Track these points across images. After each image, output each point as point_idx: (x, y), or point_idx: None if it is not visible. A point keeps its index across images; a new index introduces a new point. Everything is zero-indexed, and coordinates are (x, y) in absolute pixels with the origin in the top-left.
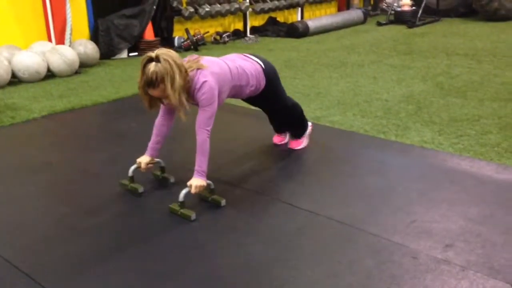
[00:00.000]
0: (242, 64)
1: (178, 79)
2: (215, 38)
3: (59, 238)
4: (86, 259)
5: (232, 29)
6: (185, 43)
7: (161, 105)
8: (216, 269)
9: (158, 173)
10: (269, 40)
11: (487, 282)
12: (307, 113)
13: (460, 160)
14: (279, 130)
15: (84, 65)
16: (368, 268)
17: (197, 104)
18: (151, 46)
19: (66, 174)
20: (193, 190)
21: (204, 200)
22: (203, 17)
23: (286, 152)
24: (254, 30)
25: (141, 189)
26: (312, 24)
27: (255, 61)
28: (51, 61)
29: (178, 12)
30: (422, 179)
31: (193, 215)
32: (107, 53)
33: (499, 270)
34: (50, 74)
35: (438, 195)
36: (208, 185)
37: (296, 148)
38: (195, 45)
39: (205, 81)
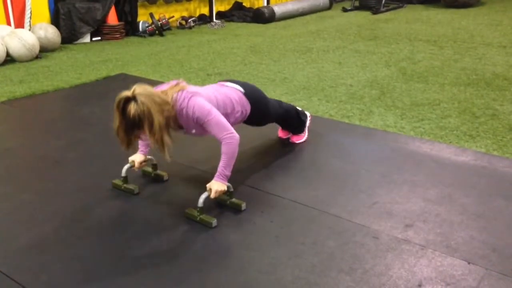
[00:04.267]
0: (223, 91)
1: (157, 120)
2: (180, 23)
3: (20, 223)
4: (47, 244)
5: (197, 14)
6: (149, 27)
7: None
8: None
9: (150, 170)
10: (235, 25)
11: (444, 259)
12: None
13: (421, 143)
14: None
15: (44, 50)
16: (330, 249)
17: (188, 129)
18: (115, 30)
19: (25, 160)
20: (213, 195)
21: (221, 204)
22: (168, 2)
23: (250, 136)
24: (220, 15)
25: (136, 189)
26: (278, 9)
27: (233, 87)
28: (10, 45)
29: None
30: (385, 162)
31: (214, 222)
32: (69, 37)
33: (456, 248)
34: (9, 59)
35: (400, 177)
36: (228, 188)
37: (297, 141)
38: (160, 30)
39: (191, 97)
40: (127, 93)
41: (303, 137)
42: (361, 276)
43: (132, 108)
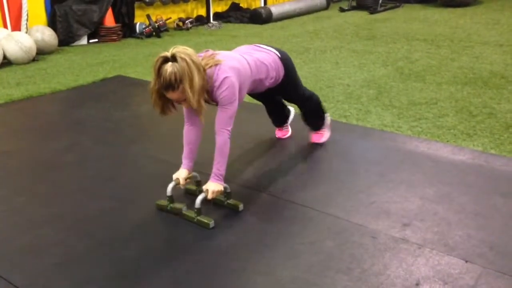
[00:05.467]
0: (259, 56)
1: (197, 80)
2: (177, 25)
3: (18, 226)
4: (46, 247)
5: (195, 15)
6: (146, 29)
7: (184, 110)
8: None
9: (194, 187)
10: (232, 26)
11: (442, 258)
12: None
13: (418, 142)
14: (280, 123)
15: (41, 52)
16: (328, 249)
17: (216, 104)
18: (112, 32)
19: (23, 163)
20: (209, 196)
21: (219, 205)
22: (165, 3)
23: (245, 137)
24: (217, 16)
25: (184, 208)
26: (275, 10)
27: (270, 50)
28: (7, 48)
29: None
30: (382, 162)
31: (211, 223)
32: (66, 39)
33: (454, 247)
34: (6, 62)
35: (397, 176)
36: (225, 189)
37: (319, 141)
38: (157, 32)
39: (225, 78)
40: (165, 53)
41: (323, 136)
42: (359, 276)
43: (169, 67)
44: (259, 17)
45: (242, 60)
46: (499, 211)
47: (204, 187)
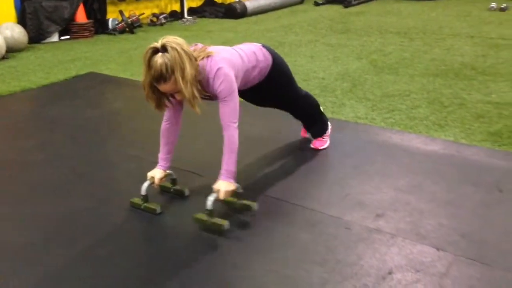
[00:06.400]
0: (244, 46)
1: (189, 69)
2: (151, 20)
3: None
4: (14, 251)
5: (168, 10)
6: (119, 25)
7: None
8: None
9: (169, 185)
10: (207, 21)
11: (414, 247)
12: None
13: (391, 134)
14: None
15: (11, 50)
16: (303, 241)
17: (211, 98)
18: (83, 28)
19: None
20: (221, 196)
21: (230, 206)
22: None
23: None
24: (192, 11)
25: (158, 209)
26: (250, 4)
27: (251, 43)
28: None
29: None
30: (357, 154)
31: (226, 224)
32: (37, 37)
33: (425, 236)
34: None
35: (371, 168)
36: (237, 188)
37: (319, 148)
38: (130, 28)
39: (219, 69)
40: (155, 43)
41: (325, 143)
42: (334, 267)
43: (159, 58)
44: (234, 12)
45: (232, 51)
46: (469, 199)
47: (215, 187)
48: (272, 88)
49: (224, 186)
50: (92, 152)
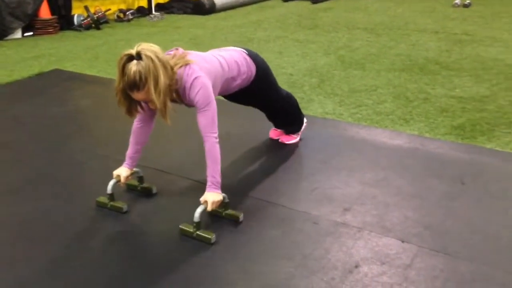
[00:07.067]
0: (227, 54)
1: (162, 79)
2: (118, 16)
3: None
4: None
5: (136, 6)
6: (85, 21)
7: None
8: None
9: (136, 183)
10: (175, 17)
11: (380, 240)
12: None
13: (358, 129)
14: (278, 125)
15: None
16: (271, 237)
17: (188, 105)
18: (48, 25)
19: None
20: (209, 207)
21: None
22: None
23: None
24: (160, 7)
25: (125, 207)
26: (218, 0)
27: (235, 48)
28: None
29: None
30: (324, 149)
31: (213, 237)
32: None
33: (391, 228)
34: None
35: (339, 162)
36: (223, 198)
37: (287, 142)
38: (96, 24)
39: (196, 78)
40: (130, 50)
41: (294, 139)
42: (301, 261)
43: (134, 66)
44: (202, 8)
45: (212, 59)
46: (433, 192)
47: (202, 199)
48: (255, 93)
49: (211, 197)
50: (57, 151)
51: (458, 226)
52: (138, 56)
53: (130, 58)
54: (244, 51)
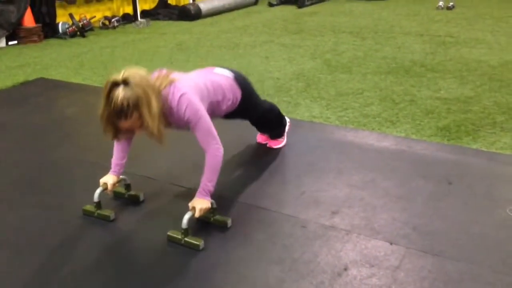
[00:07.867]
0: (213, 78)
1: (155, 104)
2: (103, 23)
3: None
4: None
5: (121, 13)
6: (70, 29)
7: None
8: None
9: (123, 191)
10: (161, 23)
11: (368, 242)
12: None
13: (345, 131)
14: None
15: None
16: (260, 241)
17: (178, 127)
18: (32, 33)
19: None
20: (197, 214)
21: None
22: (88, 1)
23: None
24: (145, 13)
25: (112, 215)
26: (204, 6)
27: (223, 74)
28: None
29: None
30: (312, 152)
31: (201, 244)
32: None
33: (379, 231)
34: None
35: (326, 165)
36: (211, 204)
37: (275, 147)
38: (81, 31)
39: (181, 95)
40: (116, 76)
41: (282, 142)
42: (290, 265)
43: (121, 92)
44: (188, 14)
45: (197, 81)
46: (420, 193)
47: (190, 205)
48: (240, 112)
49: (199, 204)
50: (42, 159)
51: (445, 226)
52: (125, 82)
53: (115, 84)
54: (231, 75)
